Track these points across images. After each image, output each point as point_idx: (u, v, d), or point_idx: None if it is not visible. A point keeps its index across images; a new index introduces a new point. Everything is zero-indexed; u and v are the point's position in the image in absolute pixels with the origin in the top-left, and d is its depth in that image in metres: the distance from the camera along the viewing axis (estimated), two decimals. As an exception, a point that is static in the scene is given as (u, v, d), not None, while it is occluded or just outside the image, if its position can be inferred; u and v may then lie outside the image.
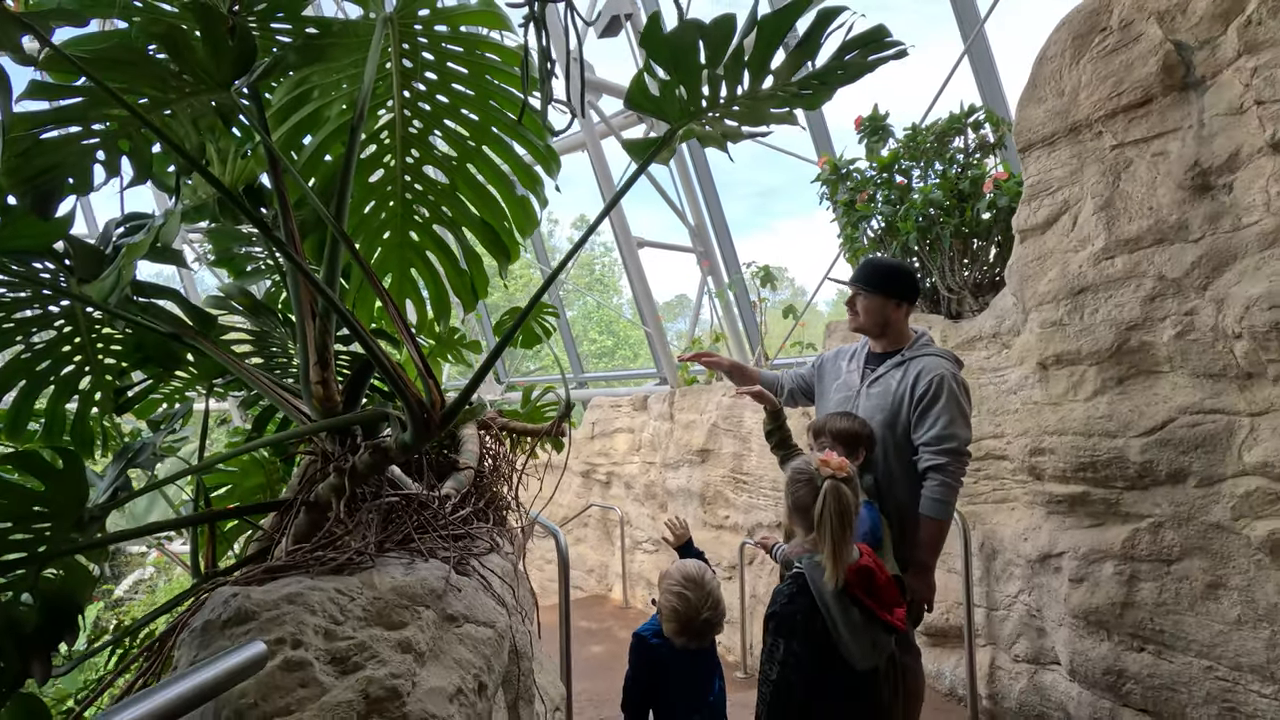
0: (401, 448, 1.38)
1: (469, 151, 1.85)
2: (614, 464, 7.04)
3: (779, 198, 36.90)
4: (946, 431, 2.12)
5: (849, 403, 2.41)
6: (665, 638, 2.03)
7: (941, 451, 2.12)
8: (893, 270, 2.38)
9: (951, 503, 2.13)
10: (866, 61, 1.56)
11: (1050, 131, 2.62)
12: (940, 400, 2.15)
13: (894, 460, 2.22)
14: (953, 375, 2.21)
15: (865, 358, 2.45)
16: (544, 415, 2.85)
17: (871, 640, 1.59)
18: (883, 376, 2.32)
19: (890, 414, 2.23)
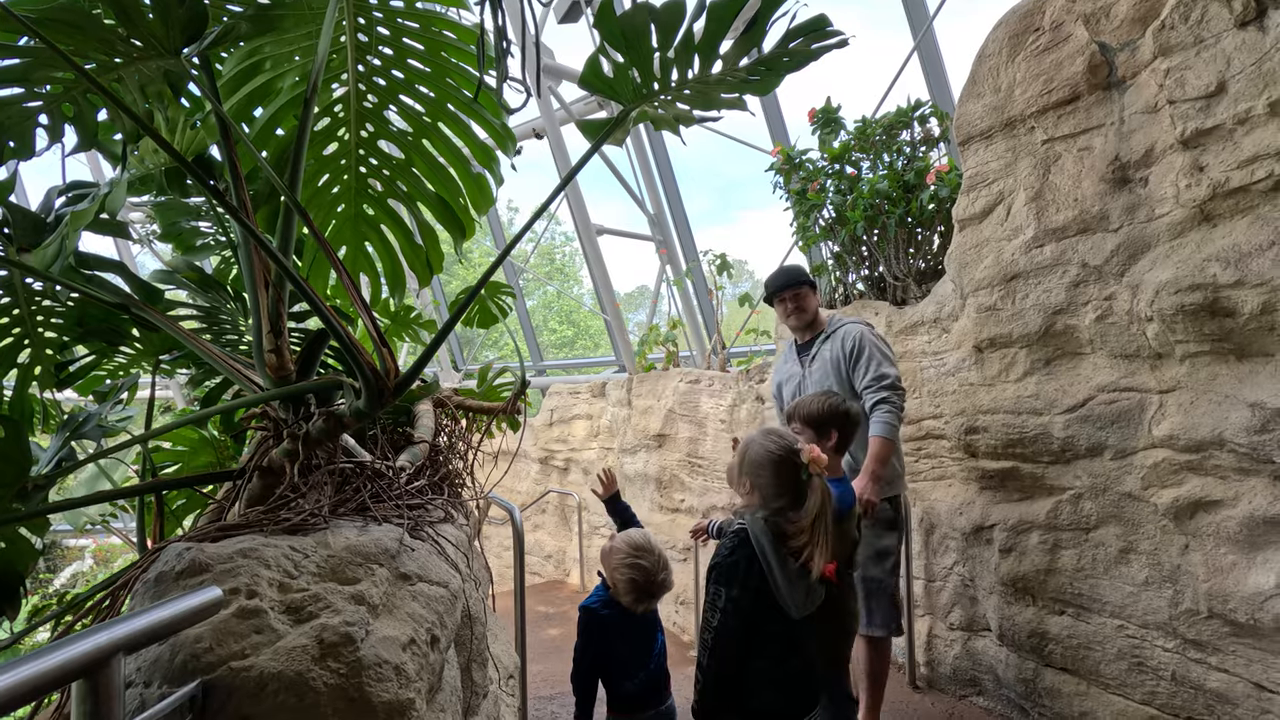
0: (356, 415, 1.41)
1: (424, 127, 1.87)
2: (572, 450, 7.08)
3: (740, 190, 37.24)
4: (880, 371, 2.56)
5: (801, 387, 2.80)
6: (614, 607, 2.10)
7: (881, 387, 2.53)
8: (804, 271, 2.92)
9: (896, 426, 2.49)
10: (810, 50, 1.64)
11: (987, 126, 2.76)
12: (866, 350, 2.61)
13: None
14: (869, 330, 2.69)
15: (797, 351, 2.91)
16: (500, 395, 2.88)
17: (806, 589, 1.68)
18: (818, 354, 2.77)
19: (836, 375, 2.68)
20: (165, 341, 2.24)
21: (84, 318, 2.10)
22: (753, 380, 4.69)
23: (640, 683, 2.26)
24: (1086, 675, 2.40)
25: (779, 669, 1.71)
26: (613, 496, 2.56)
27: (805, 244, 4.16)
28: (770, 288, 2.92)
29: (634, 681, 2.26)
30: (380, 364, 1.42)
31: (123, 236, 2.08)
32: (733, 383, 4.93)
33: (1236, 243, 1.92)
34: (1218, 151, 1.99)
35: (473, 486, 2.47)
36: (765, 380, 4.60)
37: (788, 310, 2.85)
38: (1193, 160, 2.06)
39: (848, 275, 4.01)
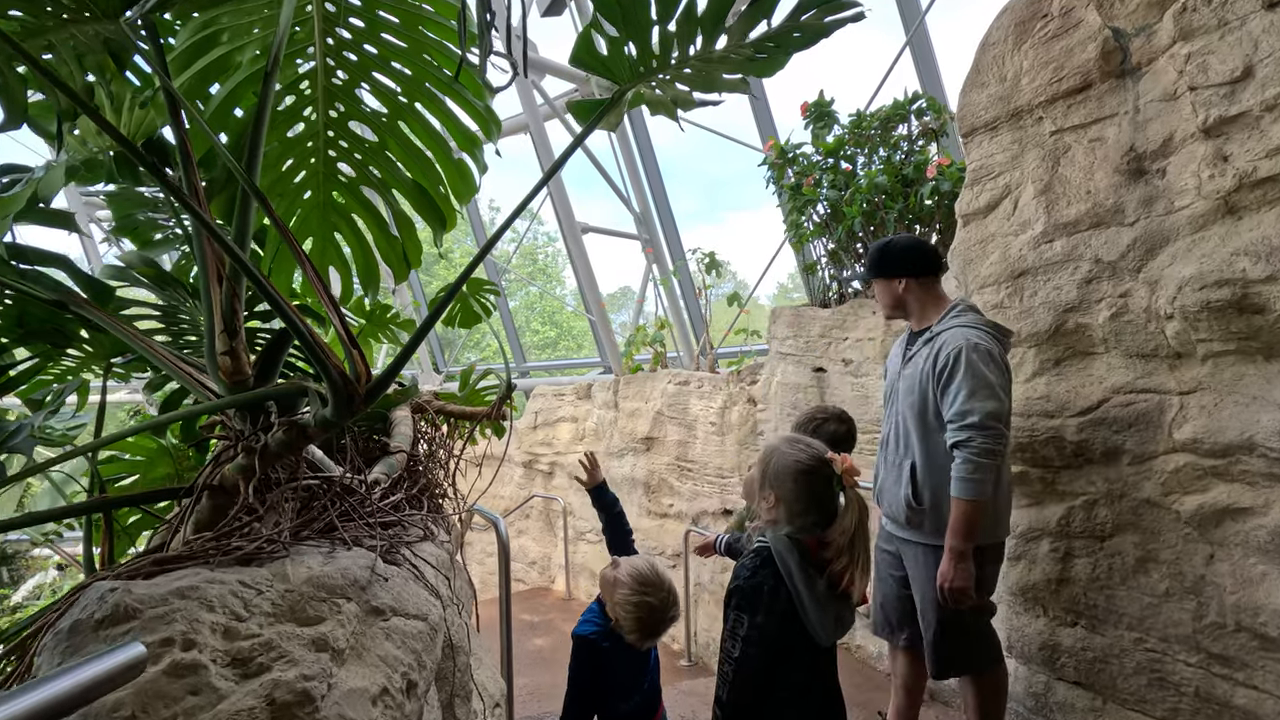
0: (322, 425, 1.25)
1: (400, 108, 1.71)
2: (557, 454, 6.92)
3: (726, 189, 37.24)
4: (966, 405, 2.03)
5: (894, 391, 2.36)
6: (613, 639, 1.94)
7: (964, 427, 2.02)
8: (881, 251, 2.38)
9: (980, 480, 1.99)
10: (823, 23, 1.50)
11: (992, 117, 2.65)
12: (958, 373, 2.06)
13: (930, 443, 2.18)
14: (973, 345, 2.08)
15: (907, 339, 2.41)
16: (484, 399, 2.72)
17: (836, 615, 1.55)
18: (914, 357, 2.27)
19: (920, 395, 2.19)
20: (118, 343, 2.05)
21: (24, 317, 1.90)
22: (744, 382, 4.57)
23: (635, 703, 2.12)
24: (1102, 690, 2.30)
25: (802, 700, 1.57)
26: (598, 487, 2.33)
27: (797, 240, 4.04)
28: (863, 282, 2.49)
29: (629, 703, 2.11)
30: (350, 368, 1.27)
31: (67, 228, 1.89)
32: (723, 384, 4.80)
33: (1266, 235, 1.82)
34: (1243, 140, 1.89)
35: (455, 498, 2.31)
36: (756, 382, 4.48)
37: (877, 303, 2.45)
38: (1216, 150, 1.96)
39: (842, 272, 3.90)
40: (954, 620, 2.11)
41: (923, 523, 2.19)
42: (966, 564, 2.02)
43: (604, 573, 2.04)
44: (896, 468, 2.27)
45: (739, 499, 4.59)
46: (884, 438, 2.38)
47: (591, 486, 2.32)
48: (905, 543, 2.27)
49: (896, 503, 2.26)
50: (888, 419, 2.39)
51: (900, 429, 2.28)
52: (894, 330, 3.24)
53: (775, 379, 4.10)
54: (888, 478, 2.32)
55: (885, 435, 2.38)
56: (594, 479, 2.33)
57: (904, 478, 2.22)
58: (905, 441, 2.25)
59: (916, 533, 2.22)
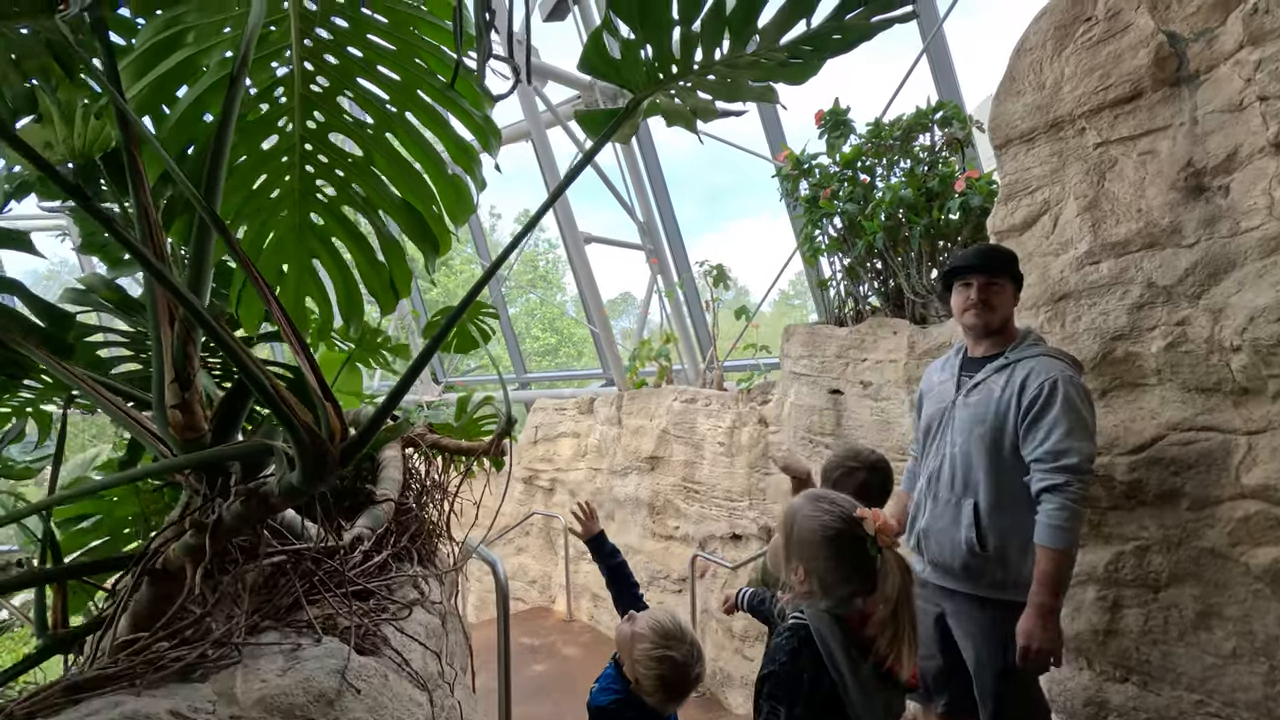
0: (287, 493, 1.06)
1: (388, 118, 1.52)
2: (558, 470, 6.72)
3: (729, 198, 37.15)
4: (1062, 444, 1.81)
5: (947, 420, 2.11)
6: (634, 707, 1.74)
7: (1058, 469, 1.81)
8: (1016, 258, 2.12)
9: (1074, 530, 1.80)
10: (869, 23, 1.32)
11: (1029, 127, 2.47)
12: (1054, 407, 1.84)
13: (1001, 482, 1.95)
14: (1069, 379, 1.89)
15: (961, 364, 2.15)
16: (481, 428, 2.52)
17: (885, 703, 1.35)
18: (983, 383, 2.02)
19: (993, 426, 1.95)
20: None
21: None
22: (754, 401, 4.38)
23: None
24: (1156, 753, 2.10)
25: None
26: (596, 538, 2.12)
27: (811, 254, 3.86)
28: (957, 264, 2.13)
29: None
30: (324, 423, 1.08)
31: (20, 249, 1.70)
32: (731, 402, 4.61)
33: (1354, 263, 1.64)
34: (1324, 156, 1.71)
35: (450, 544, 2.12)
36: (768, 401, 4.29)
37: (968, 301, 2.07)
38: (1290, 166, 1.77)
39: (859, 288, 3.71)
40: (1019, 685, 1.90)
41: (984, 572, 1.96)
42: (1055, 622, 1.81)
43: (620, 629, 1.84)
44: (953, 508, 2.03)
45: (749, 524, 4.39)
46: (932, 474, 2.12)
47: (587, 538, 2.13)
48: (956, 595, 2.03)
49: (952, 548, 2.02)
50: (935, 453, 2.13)
51: (959, 464, 2.03)
52: (919, 353, 3.05)
53: (788, 400, 3.91)
54: (938, 520, 2.07)
55: (935, 471, 2.11)
56: (589, 530, 2.13)
57: (964, 520, 1.98)
58: (967, 478, 2.01)
59: (973, 584, 1.99)
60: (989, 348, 2.10)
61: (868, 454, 2.23)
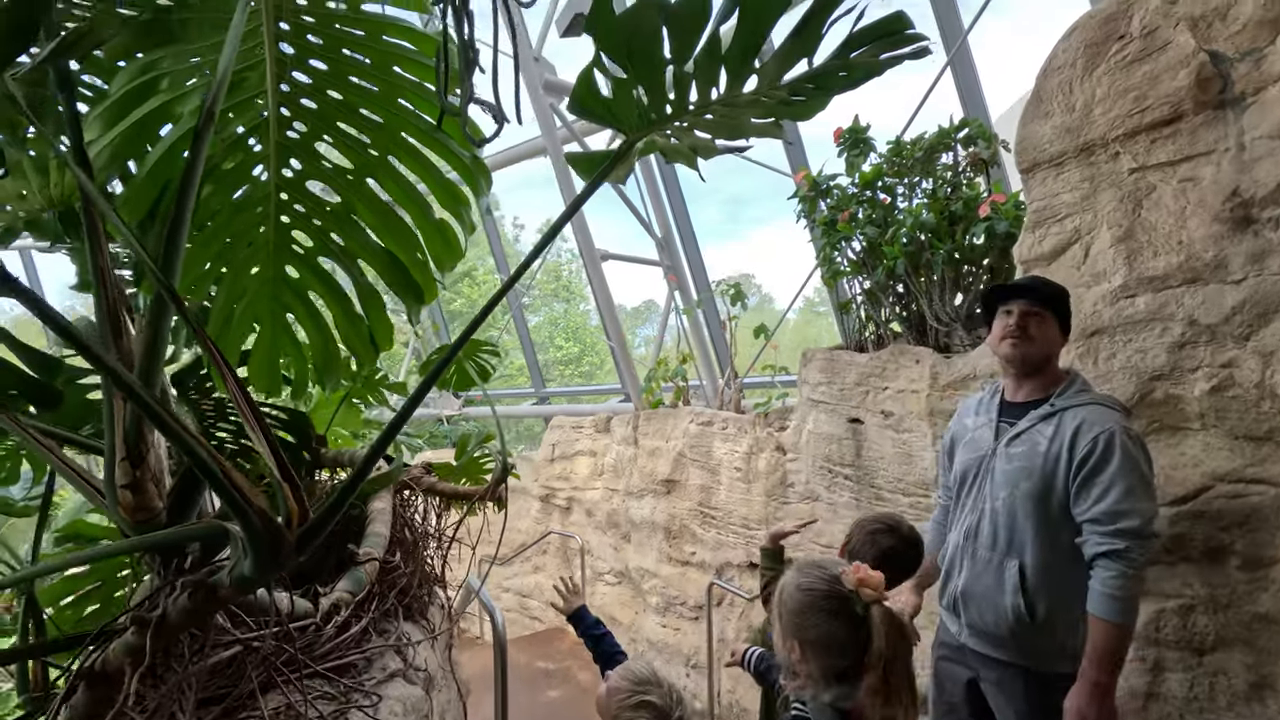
0: (239, 584, 0.98)
1: (370, 163, 1.45)
2: (575, 489, 6.64)
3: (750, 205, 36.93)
4: (1121, 505, 1.65)
5: (985, 470, 1.92)
6: None
7: (1116, 533, 1.65)
8: (1066, 295, 1.93)
9: (1133, 600, 1.65)
10: (877, 60, 1.21)
11: (1058, 151, 2.33)
12: (1111, 463, 1.67)
13: (1050, 542, 1.79)
14: (1125, 430, 1.72)
15: (999, 407, 1.96)
16: (483, 468, 2.45)
17: None
18: (1026, 432, 1.84)
19: (1041, 482, 1.77)
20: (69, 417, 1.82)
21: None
22: (772, 427, 4.25)
23: None
24: (1203, 832, 1.93)
25: None
26: (576, 614, 2.01)
27: (831, 277, 3.73)
28: (998, 286, 1.98)
29: None
30: (281, 506, 1.00)
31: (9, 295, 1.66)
32: (749, 427, 4.48)
33: None
34: (1389, 188, 1.55)
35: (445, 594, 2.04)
36: (786, 428, 4.15)
37: (1006, 328, 1.89)
38: (1350, 199, 1.62)
39: (879, 312, 3.57)
40: None
41: (1031, 642, 1.79)
42: (1110, 702, 1.65)
43: (598, 696, 1.74)
44: (995, 569, 1.86)
45: (766, 553, 4.25)
46: (970, 529, 1.94)
47: (569, 614, 2.03)
48: (998, 664, 1.86)
49: (995, 614, 1.84)
50: (972, 506, 1.95)
51: (1001, 521, 1.86)
52: (942, 384, 2.90)
53: (806, 428, 3.78)
54: (978, 581, 1.89)
55: (972, 527, 1.94)
56: (570, 606, 2.03)
57: (1009, 583, 1.81)
58: (1011, 536, 1.84)
59: (1019, 654, 1.82)
60: (1030, 392, 1.91)
61: (907, 528, 2.03)
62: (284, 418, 2.03)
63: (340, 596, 1.44)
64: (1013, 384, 1.96)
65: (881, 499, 3.27)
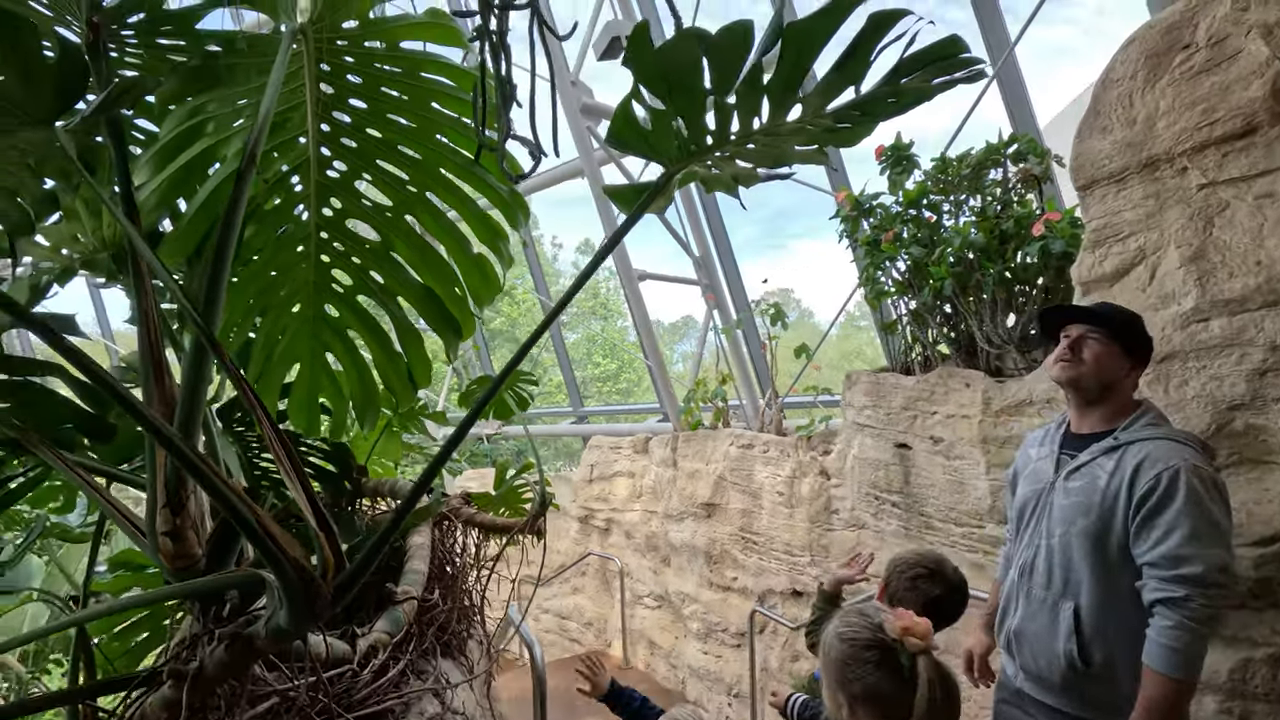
0: (275, 635, 0.96)
1: (409, 199, 1.45)
2: (613, 510, 6.59)
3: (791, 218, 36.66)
4: (1183, 549, 1.52)
5: (1042, 505, 1.82)
6: None
7: (1177, 579, 1.52)
8: (1139, 322, 1.81)
9: (1193, 654, 1.51)
10: (928, 85, 1.16)
11: (1119, 167, 2.21)
12: (1173, 503, 1.55)
13: (1107, 584, 1.67)
14: (1194, 469, 1.58)
15: (1062, 439, 1.86)
16: (521, 497, 2.42)
17: None
18: (1087, 466, 1.73)
19: (1099, 519, 1.66)
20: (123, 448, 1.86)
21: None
22: (815, 450, 4.14)
23: None
24: None
25: None
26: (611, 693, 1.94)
27: (874, 297, 3.63)
28: (1049, 313, 1.90)
29: None
30: (318, 554, 0.98)
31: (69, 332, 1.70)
32: (791, 450, 4.38)
33: None
34: None
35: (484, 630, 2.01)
36: (829, 452, 4.04)
37: (1059, 351, 1.82)
38: None
39: (926, 334, 3.45)
40: None
41: (1087, 690, 1.68)
42: None
43: None
44: (1049, 610, 1.75)
45: (810, 580, 4.13)
46: (1025, 566, 1.84)
47: (599, 697, 1.95)
48: (1054, 713, 1.75)
49: (1049, 658, 1.74)
50: (1028, 542, 1.85)
51: (1057, 558, 1.75)
52: (994, 410, 2.78)
53: (852, 452, 3.67)
54: (1032, 621, 1.79)
55: (1028, 564, 1.84)
56: (599, 688, 1.96)
57: (1063, 626, 1.70)
58: (1066, 576, 1.73)
59: (1075, 702, 1.71)
60: (1096, 423, 1.79)
61: (951, 569, 1.92)
62: (325, 448, 2.05)
63: (378, 638, 1.42)
64: (1077, 414, 1.85)
65: (932, 528, 3.14)
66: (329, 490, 2.14)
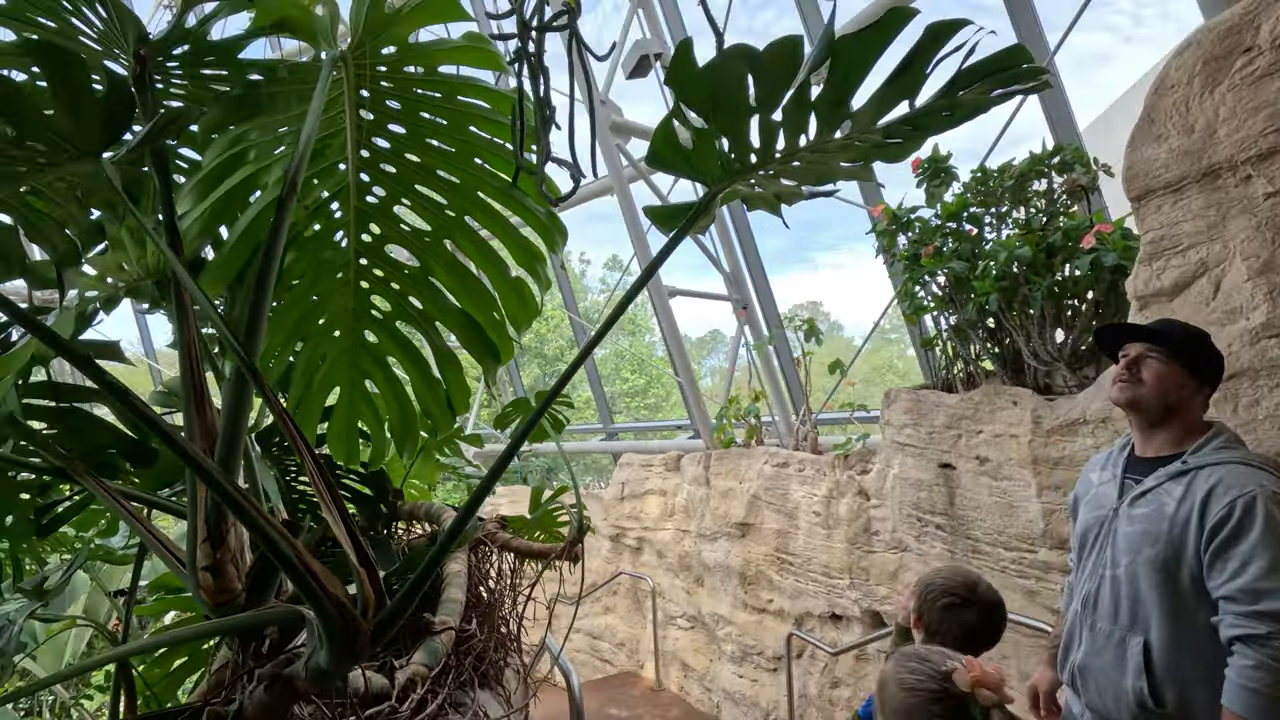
0: (315, 677, 0.93)
1: (447, 223, 1.44)
2: (645, 529, 6.52)
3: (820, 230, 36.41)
4: (1263, 583, 1.42)
5: (1106, 533, 1.71)
6: None
7: (1256, 615, 1.42)
8: (1205, 340, 1.71)
9: (1276, 694, 1.39)
10: (986, 97, 1.11)
11: (1177, 176, 2.12)
12: (1250, 532, 1.45)
13: (1179, 618, 1.57)
14: (1271, 495, 1.48)
15: (1125, 462, 1.76)
16: (556, 520, 2.39)
17: None
18: (1153, 491, 1.63)
19: (1168, 549, 1.56)
20: (165, 473, 1.87)
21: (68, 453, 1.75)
22: (853, 470, 4.04)
23: None
24: None
25: None
26: None
27: (913, 312, 3.54)
28: (1105, 332, 1.80)
29: None
30: (359, 591, 0.95)
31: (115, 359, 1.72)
32: (828, 469, 4.28)
33: None
34: None
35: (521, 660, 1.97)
36: (868, 471, 3.94)
37: (1117, 371, 1.73)
38: None
39: (969, 349, 3.35)
40: None
41: None
42: None
43: None
44: (1116, 646, 1.65)
45: (850, 604, 4.01)
46: (1088, 597, 1.74)
47: None
48: None
49: (1116, 696, 1.63)
50: (1091, 572, 1.75)
51: (1123, 590, 1.65)
52: (1045, 430, 2.67)
53: (892, 472, 3.56)
54: (1097, 656, 1.69)
55: (1091, 595, 1.73)
56: None
57: (1131, 662, 1.60)
58: (1134, 610, 1.62)
59: None
60: (1161, 446, 1.69)
61: (984, 588, 1.79)
62: (362, 471, 2.04)
63: (416, 670, 1.39)
64: (1141, 436, 1.75)
65: (979, 552, 3.03)
66: (365, 514, 2.13)
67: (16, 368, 1.29)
